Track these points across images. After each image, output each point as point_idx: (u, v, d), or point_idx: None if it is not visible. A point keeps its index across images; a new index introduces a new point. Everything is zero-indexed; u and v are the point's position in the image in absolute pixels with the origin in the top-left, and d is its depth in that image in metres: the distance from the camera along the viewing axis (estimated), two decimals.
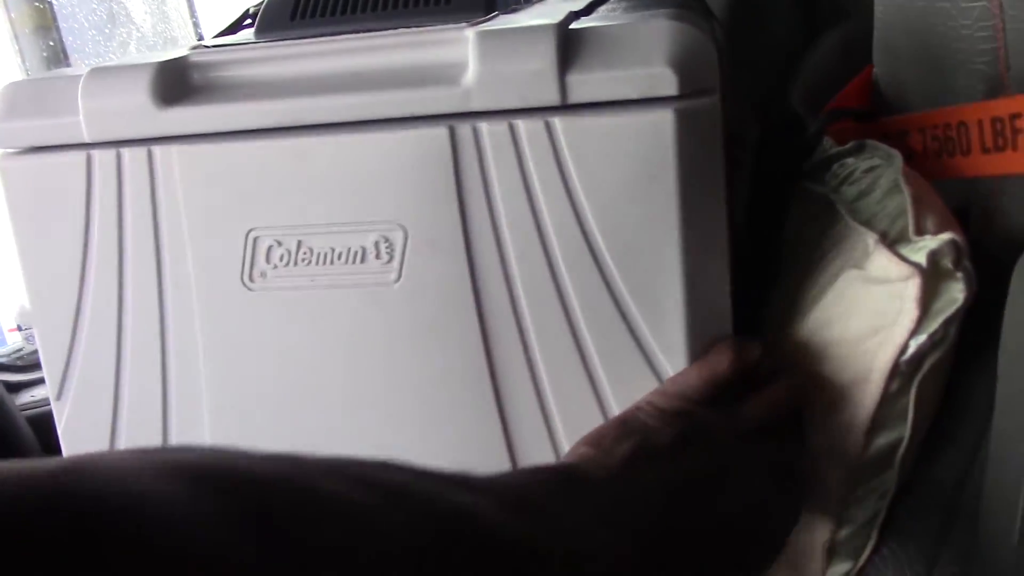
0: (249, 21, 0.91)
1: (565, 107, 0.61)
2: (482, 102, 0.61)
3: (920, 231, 0.62)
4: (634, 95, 0.60)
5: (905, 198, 0.64)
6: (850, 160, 0.76)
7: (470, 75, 0.61)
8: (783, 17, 1.21)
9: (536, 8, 0.76)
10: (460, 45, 0.62)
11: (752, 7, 1.20)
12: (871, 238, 0.63)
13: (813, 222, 0.74)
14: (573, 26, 0.62)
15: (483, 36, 0.61)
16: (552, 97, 0.60)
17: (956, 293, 0.59)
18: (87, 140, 0.65)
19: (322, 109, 0.63)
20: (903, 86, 0.84)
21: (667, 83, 0.59)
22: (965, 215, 0.69)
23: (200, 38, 2.51)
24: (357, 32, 0.67)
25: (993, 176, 0.67)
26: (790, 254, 0.77)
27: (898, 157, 0.68)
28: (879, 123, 0.85)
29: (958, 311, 0.59)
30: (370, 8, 0.70)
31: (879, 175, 0.69)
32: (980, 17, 0.67)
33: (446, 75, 0.62)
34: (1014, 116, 0.64)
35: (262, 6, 0.73)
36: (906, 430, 0.63)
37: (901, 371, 0.61)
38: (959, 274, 0.59)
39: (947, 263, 0.59)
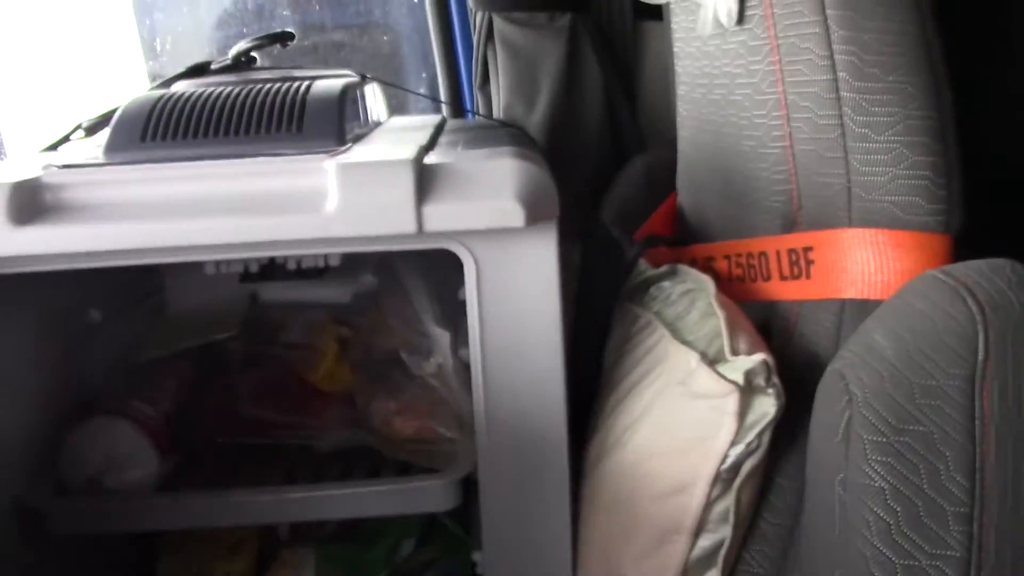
0: (82, 135, 0.91)
1: (420, 235, 0.65)
2: (343, 229, 0.64)
3: (735, 351, 0.69)
4: (483, 226, 0.66)
5: (720, 321, 0.72)
6: (666, 284, 0.83)
7: (331, 204, 0.64)
8: (595, 144, 1.31)
9: (380, 137, 0.80)
10: (320, 175, 0.66)
11: (567, 136, 1.30)
12: (693, 358, 0.70)
13: (635, 340, 0.81)
14: (427, 160, 0.67)
15: (343, 168, 0.65)
16: (409, 227, 0.65)
17: (768, 407, 0.67)
18: None
19: (184, 233, 0.65)
20: (707, 216, 0.93)
21: (515, 216, 0.65)
22: (767, 333, 0.78)
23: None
24: (210, 157, 0.69)
25: (791, 300, 0.76)
26: (611, 373, 0.83)
27: (710, 283, 0.76)
28: (688, 248, 0.94)
29: (770, 422, 0.67)
30: (222, 132, 0.73)
31: (694, 299, 0.77)
32: (776, 162, 0.76)
33: (308, 203, 0.65)
34: (807, 249, 0.74)
35: (112, 125, 0.74)
36: (728, 531, 0.69)
37: (722, 478, 0.68)
38: (770, 390, 0.67)
39: (760, 380, 0.67)
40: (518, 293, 0.73)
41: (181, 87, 0.84)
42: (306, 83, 0.77)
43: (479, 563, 0.86)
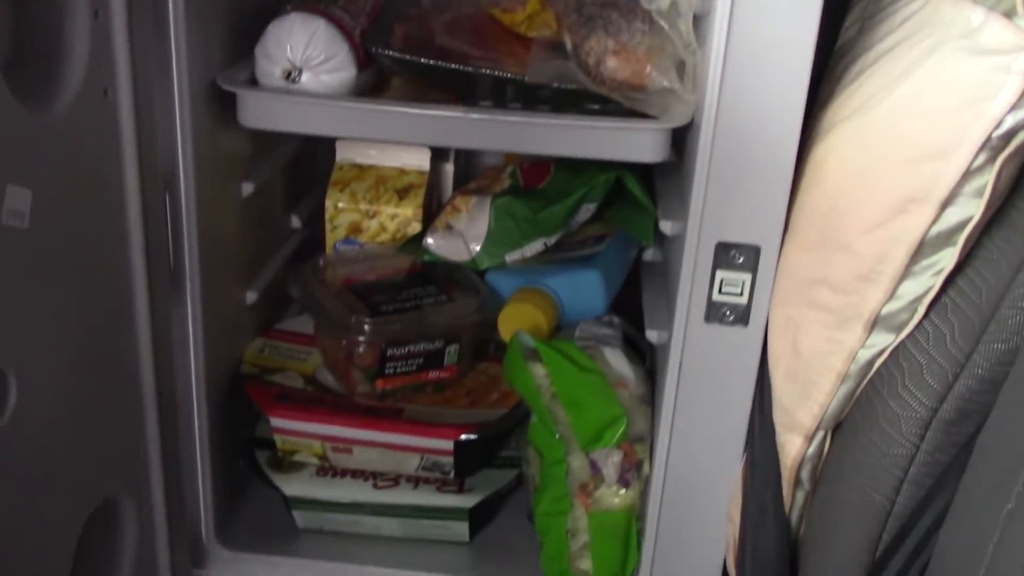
0: None
1: None
2: None
3: None
4: None
5: None
6: None
7: None
8: None
9: None
10: None
11: None
12: (978, 12, 0.62)
13: (889, 9, 0.73)
14: None
15: None
16: None
17: None
18: None
19: None
20: None
21: None
22: None
23: None
24: None
25: None
26: (852, 45, 0.76)
27: None
28: None
29: None
30: None
31: None
32: None
33: None
34: None
35: None
36: (979, 208, 0.63)
37: (991, 145, 0.61)
38: None
39: None
40: None
41: None
42: None
43: (667, 232, 0.82)
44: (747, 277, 0.75)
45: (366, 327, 0.86)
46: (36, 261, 0.59)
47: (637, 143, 0.77)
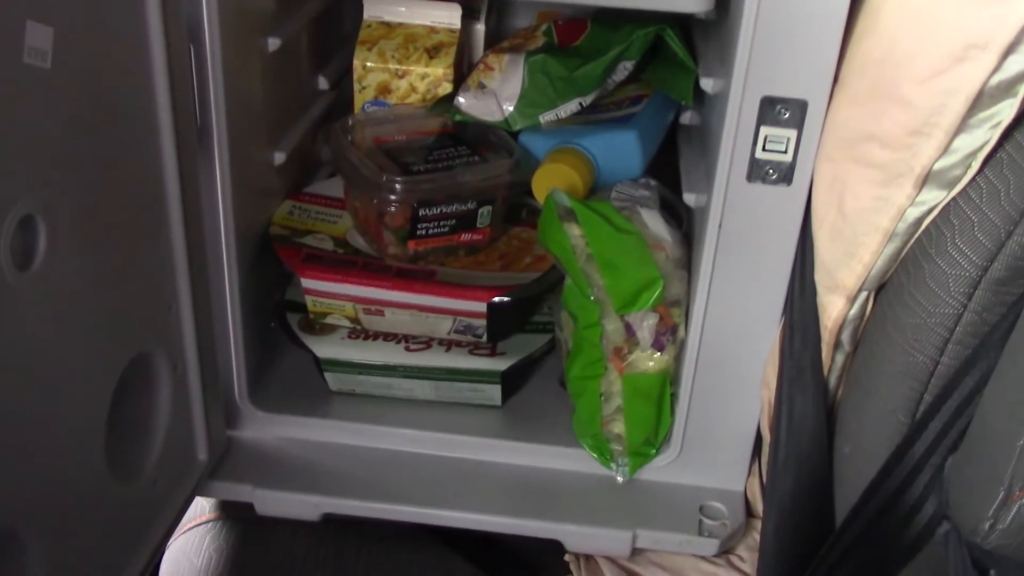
0: None
1: None
2: None
3: None
4: None
5: None
6: None
7: None
8: None
9: None
10: None
11: None
12: None
13: None
14: None
15: None
16: None
17: None
18: None
19: None
20: None
21: None
22: None
23: None
24: None
25: None
26: None
27: None
28: None
29: None
30: None
31: None
32: None
33: None
34: None
35: None
36: None
37: None
38: None
39: None
40: None
41: None
42: None
43: (708, 90, 0.79)
44: (792, 133, 0.72)
45: (397, 186, 0.85)
46: (60, 105, 0.57)
47: None
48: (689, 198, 0.83)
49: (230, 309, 0.84)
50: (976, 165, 0.64)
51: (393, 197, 0.85)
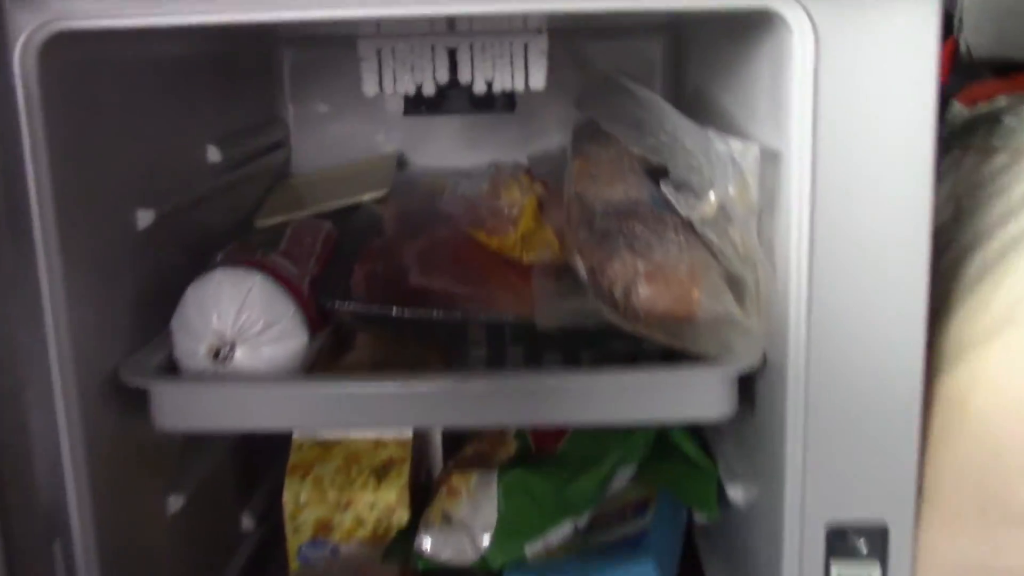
0: None
1: None
2: None
3: None
4: None
5: None
6: (1009, 119, 0.61)
7: None
8: None
9: None
10: None
11: None
12: None
13: (997, 185, 0.57)
14: None
15: None
16: None
17: None
18: None
19: None
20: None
21: None
22: None
23: None
24: None
25: None
26: (954, 229, 0.59)
27: None
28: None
29: None
30: None
31: None
32: None
33: None
34: None
35: None
36: None
37: None
38: None
39: None
40: (878, 86, 0.48)
41: None
42: None
43: (738, 501, 0.62)
44: (875, 570, 0.54)
45: None
46: None
47: (697, 395, 0.56)
48: None
49: None
50: None
51: None
